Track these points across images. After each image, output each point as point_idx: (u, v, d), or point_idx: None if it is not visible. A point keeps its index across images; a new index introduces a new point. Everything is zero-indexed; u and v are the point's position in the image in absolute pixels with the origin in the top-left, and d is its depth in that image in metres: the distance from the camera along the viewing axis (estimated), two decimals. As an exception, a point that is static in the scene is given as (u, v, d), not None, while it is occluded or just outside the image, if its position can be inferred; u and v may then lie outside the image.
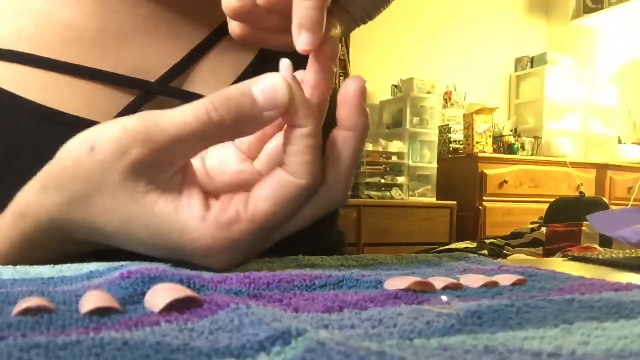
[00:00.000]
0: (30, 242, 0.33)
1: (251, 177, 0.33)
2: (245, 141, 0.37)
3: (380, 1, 0.39)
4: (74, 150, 0.30)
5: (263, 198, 0.30)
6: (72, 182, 0.30)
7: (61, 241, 0.33)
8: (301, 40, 0.30)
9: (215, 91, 0.40)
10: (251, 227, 0.29)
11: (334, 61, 0.33)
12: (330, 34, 0.32)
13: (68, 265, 0.31)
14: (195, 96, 0.44)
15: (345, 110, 0.31)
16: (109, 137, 0.29)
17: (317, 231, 0.54)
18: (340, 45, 0.37)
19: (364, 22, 0.39)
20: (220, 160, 0.36)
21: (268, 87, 0.29)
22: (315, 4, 0.30)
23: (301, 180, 0.30)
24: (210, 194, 0.31)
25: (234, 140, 0.32)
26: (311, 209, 0.32)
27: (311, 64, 0.33)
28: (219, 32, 0.48)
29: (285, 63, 0.30)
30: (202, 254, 0.30)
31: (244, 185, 0.32)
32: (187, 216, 0.29)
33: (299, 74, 0.33)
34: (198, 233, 0.29)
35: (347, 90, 0.31)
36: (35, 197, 0.32)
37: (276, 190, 0.30)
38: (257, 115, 0.29)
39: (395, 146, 3.44)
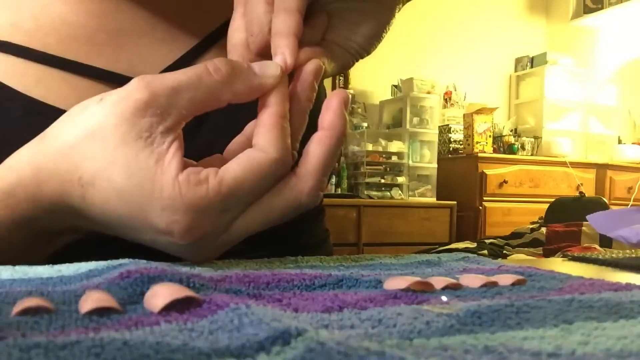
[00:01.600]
0: (5, 199, 0.33)
1: None
2: None
3: (374, 36, 0.40)
4: (85, 102, 0.33)
5: (232, 167, 0.32)
6: (69, 128, 0.32)
7: (34, 206, 0.33)
8: (277, 59, 0.35)
9: None
10: (218, 188, 0.31)
11: (316, 79, 0.36)
12: (313, 56, 0.37)
13: (67, 264, 0.31)
14: None
15: (325, 113, 0.35)
16: (118, 90, 0.32)
17: (303, 228, 0.54)
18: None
19: (362, 56, 0.41)
20: None
21: (263, 62, 0.34)
22: (285, 34, 0.35)
23: (268, 153, 0.32)
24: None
25: (229, 102, 0.33)
26: (281, 202, 0.33)
27: (295, 77, 0.36)
28: (214, 37, 0.49)
29: (278, 58, 0.35)
30: (167, 207, 0.30)
31: None
32: (163, 169, 0.31)
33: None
34: (168, 185, 0.30)
35: (330, 98, 0.35)
36: (29, 148, 0.34)
37: (244, 161, 0.32)
38: (251, 76, 0.33)
39: (395, 146, 3.44)
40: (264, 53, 0.36)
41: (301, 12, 0.36)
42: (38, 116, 0.42)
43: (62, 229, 0.36)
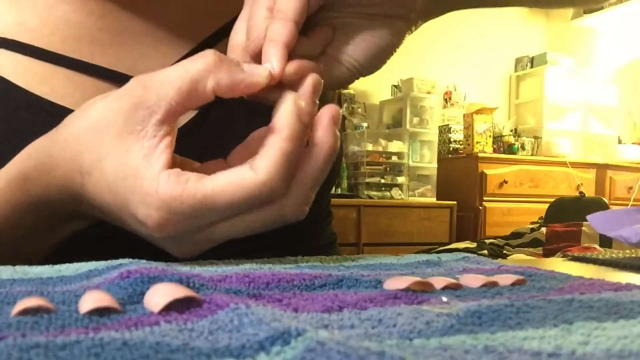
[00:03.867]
0: (23, 183, 0.36)
1: None
2: None
3: (377, 56, 0.40)
4: (95, 98, 0.35)
5: (217, 177, 0.32)
6: (78, 120, 0.35)
7: (46, 190, 0.35)
8: (265, 66, 0.35)
9: None
10: (194, 193, 0.31)
11: (315, 93, 0.36)
12: (301, 69, 0.36)
13: (67, 265, 0.31)
14: None
15: (315, 129, 0.34)
16: (122, 88, 0.34)
17: (310, 233, 0.54)
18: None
19: (362, 74, 0.41)
20: None
21: (253, 64, 0.35)
22: (275, 43, 0.35)
23: (258, 175, 0.32)
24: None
25: (214, 92, 0.33)
26: (263, 214, 0.33)
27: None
28: (215, 38, 0.49)
29: (266, 65, 0.35)
30: (142, 200, 0.31)
31: None
32: (149, 163, 0.32)
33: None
34: (148, 180, 0.31)
35: (321, 114, 0.35)
36: (46, 137, 0.36)
37: (232, 175, 0.32)
38: (237, 70, 0.33)
39: (395, 146, 3.44)
40: (260, 59, 0.36)
41: (297, 23, 0.36)
42: (42, 113, 0.43)
43: (68, 214, 0.37)
